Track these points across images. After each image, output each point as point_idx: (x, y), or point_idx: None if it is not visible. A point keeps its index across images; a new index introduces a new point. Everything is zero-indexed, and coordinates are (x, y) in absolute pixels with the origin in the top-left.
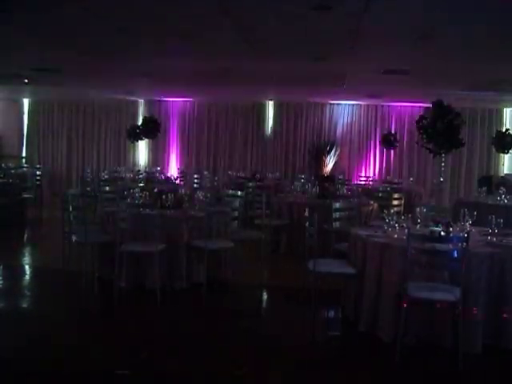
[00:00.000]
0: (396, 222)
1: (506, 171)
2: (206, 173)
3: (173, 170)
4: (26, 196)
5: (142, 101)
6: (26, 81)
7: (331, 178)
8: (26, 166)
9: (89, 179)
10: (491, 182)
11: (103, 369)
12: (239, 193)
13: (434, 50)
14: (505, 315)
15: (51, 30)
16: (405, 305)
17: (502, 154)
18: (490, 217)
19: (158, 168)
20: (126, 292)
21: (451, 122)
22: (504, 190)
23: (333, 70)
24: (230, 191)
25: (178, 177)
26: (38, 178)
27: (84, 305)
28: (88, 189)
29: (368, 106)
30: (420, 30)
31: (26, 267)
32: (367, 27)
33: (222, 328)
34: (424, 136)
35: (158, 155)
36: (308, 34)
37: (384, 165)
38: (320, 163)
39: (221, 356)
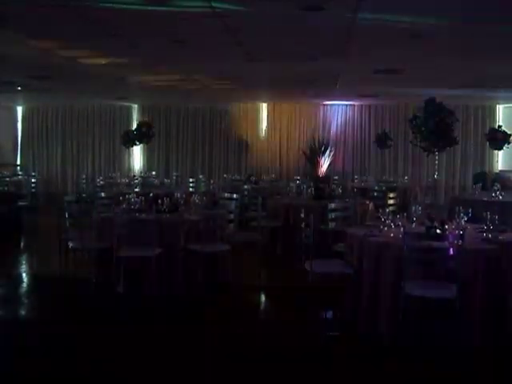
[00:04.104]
0: (392, 221)
1: (500, 167)
2: (201, 176)
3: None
4: (21, 204)
5: (136, 106)
6: (19, 88)
7: (326, 178)
8: (21, 173)
9: (84, 185)
10: (486, 178)
11: (103, 372)
12: (235, 195)
13: (425, 50)
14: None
15: (44, 37)
16: (402, 303)
17: (496, 151)
18: (485, 213)
19: (154, 173)
20: (123, 297)
21: (443, 120)
22: (499, 186)
23: (325, 71)
24: (226, 194)
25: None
26: (33, 185)
27: (82, 311)
28: (83, 195)
29: (361, 105)
30: (410, 30)
31: (23, 275)
32: (359, 27)
33: (221, 330)
34: (417, 135)
35: (153, 160)
36: (300, 34)
37: (379, 164)
38: (315, 164)
39: (220, 357)
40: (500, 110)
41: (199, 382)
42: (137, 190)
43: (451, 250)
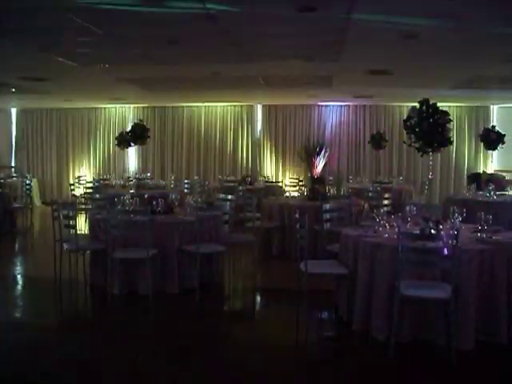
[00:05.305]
0: (386, 222)
1: (494, 168)
2: (196, 177)
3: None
4: (16, 205)
5: (131, 107)
6: (13, 90)
7: (321, 179)
8: (15, 175)
9: (79, 187)
10: (480, 179)
11: (100, 374)
12: (230, 196)
13: (419, 51)
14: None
15: (37, 39)
16: (397, 303)
17: (490, 151)
18: (479, 213)
19: (149, 174)
20: (119, 298)
21: (437, 121)
22: (493, 186)
23: (320, 72)
24: (221, 195)
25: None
26: (28, 187)
27: (77, 313)
28: (78, 196)
29: (356, 106)
30: (404, 31)
31: (18, 277)
32: (352, 28)
33: (216, 331)
34: (411, 135)
35: (148, 161)
36: (294, 36)
37: (374, 164)
38: (310, 165)
39: (217, 358)
40: (494, 110)
41: (196, 382)
42: (132, 191)
43: (446, 250)
